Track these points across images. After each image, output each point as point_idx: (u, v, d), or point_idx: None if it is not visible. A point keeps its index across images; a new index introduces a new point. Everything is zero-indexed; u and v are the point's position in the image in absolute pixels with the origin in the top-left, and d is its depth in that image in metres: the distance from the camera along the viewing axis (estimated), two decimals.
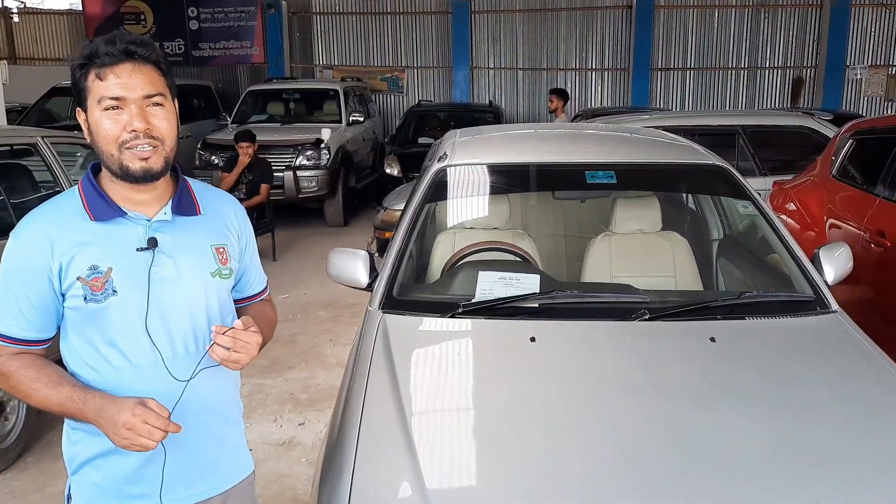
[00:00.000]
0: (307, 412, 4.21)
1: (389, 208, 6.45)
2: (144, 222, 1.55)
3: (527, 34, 13.88)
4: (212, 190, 1.73)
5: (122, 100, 1.47)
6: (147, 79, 1.49)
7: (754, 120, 7.01)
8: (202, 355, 1.56)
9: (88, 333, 1.52)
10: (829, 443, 1.80)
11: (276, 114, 10.72)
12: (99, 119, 1.48)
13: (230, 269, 1.65)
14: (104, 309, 1.50)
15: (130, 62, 1.48)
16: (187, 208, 1.61)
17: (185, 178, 1.65)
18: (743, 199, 3.09)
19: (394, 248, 2.73)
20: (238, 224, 1.71)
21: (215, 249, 1.63)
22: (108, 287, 1.49)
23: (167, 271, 1.54)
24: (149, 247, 1.53)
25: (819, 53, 13.17)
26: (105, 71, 1.47)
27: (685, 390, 2.03)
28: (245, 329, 1.52)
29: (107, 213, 1.53)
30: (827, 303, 2.48)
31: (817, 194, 4.82)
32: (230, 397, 1.74)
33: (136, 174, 1.49)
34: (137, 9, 14.41)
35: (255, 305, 1.83)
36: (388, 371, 2.08)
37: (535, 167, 3.17)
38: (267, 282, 1.88)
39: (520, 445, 1.81)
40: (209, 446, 1.65)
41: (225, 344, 1.50)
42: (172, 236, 1.57)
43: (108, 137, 1.48)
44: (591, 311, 2.44)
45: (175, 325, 1.56)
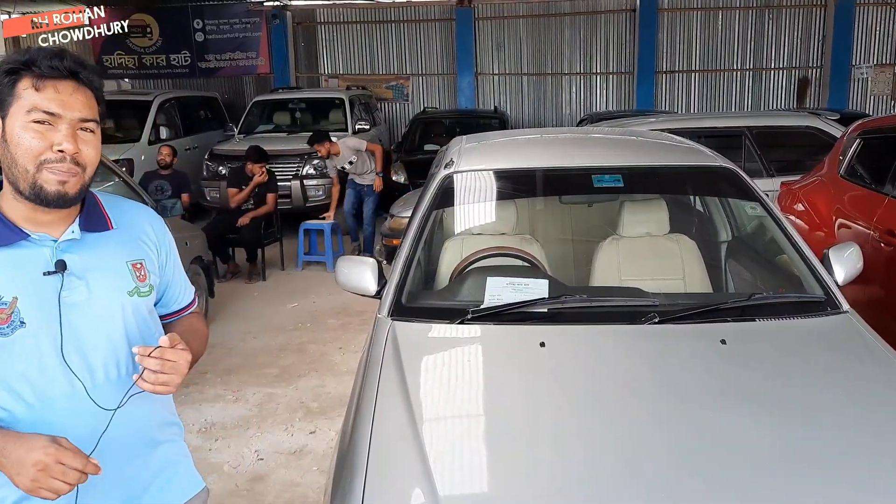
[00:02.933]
0: (318, 420, 4.21)
1: (397, 216, 6.46)
2: (50, 243, 1.42)
3: (531, 39, 13.90)
4: (123, 202, 1.61)
5: (57, 116, 1.37)
6: (86, 102, 1.41)
7: (761, 121, 6.99)
8: (130, 382, 1.43)
9: None
10: (841, 445, 1.79)
11: (283, 123, 10.77)
12: (22, 130, 1.36)
13: (150, 285, 1.54)
14: (11, 342, 1.36)
15: (74, 81, 1.39)
16: (97, 224, 1.49)
17: (91, 193, 1.51)
18: (751, 201, 3.08)
19: (402, 256, 2.73)
20: (156, 235, 1.60)
21: (132, 266, 1.51)
22: (15, 318, 1.36)
23: (79, 295, 1.42)
24: (57, 270, 1.41)
25: (824, 53, 13.15)
26: (45, 83, 1.36)
27: (696, 394, 2.02)
28: (172, 347, 1.40)
29: (6, 237, 1.40)
30: (838, 303, 2.47)
31: (825, 194, 4.80)
32: (160, 419, 1.60)
33: (49, 197, 1.38)
34: (143, 21, 14.52)
35: (183, 320, 1.71)
36: (398, 378, 2.08)
37: (541, 172, 3.17)
38: (195, 293, 1.77)
39: (531, 451, 1.80)
40: (134, 474, 1.51)
41: (152, 366, 1.38)
42: (82, 256, 1.45)
43: (28, 152, 1.36)
44: (601, 316, 2.43)
45: (93, 352, 1.43)
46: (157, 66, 14.68)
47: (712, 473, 1.68)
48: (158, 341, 1.41)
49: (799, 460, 1.73)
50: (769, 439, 1.79)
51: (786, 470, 1.69)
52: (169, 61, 14.59)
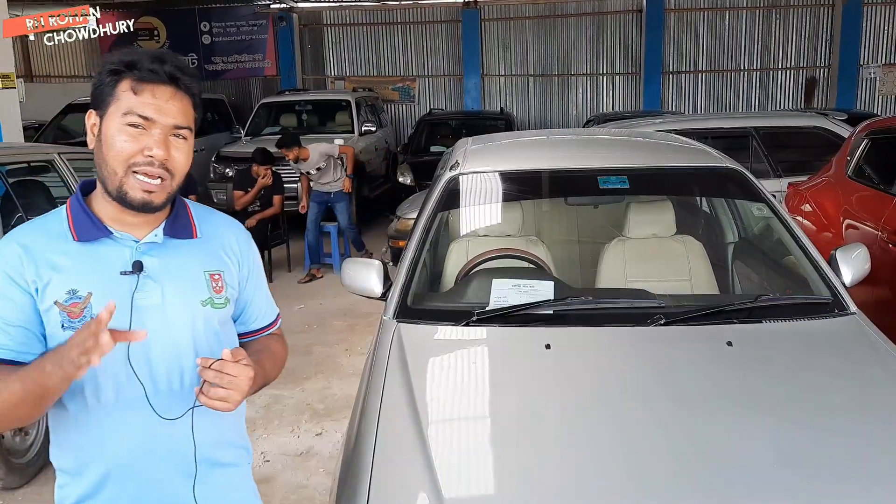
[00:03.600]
0: (324, 422, 4.21)
1: (403, 217, 6.46)
2: (132, 244, 1.43)
3: (537, 41, 13.90)
4: (215, 214, 1.60)
5: (151, 121, 1.37)
6: (182, 109, 1.40)
7: (768, 121, 6.97)
8: (192, 394, 1.40)
9: None
10: (848, 448, 1.78)
11: (289, 125, 10.79)
12: (117, 131, 1.37)
13: (226, 297, 1.51)
14: None
15: (172, 87, 1.39)
16: (182, 231, 1.49)
17: (183, 200, 1.53)
18: (757, 202, 3.07)
19: (407, 257, 2.73)
20: (240, 250, 1.57)
21: (209, 276, 1.49)
22: (87, 314, 1.36)
23: (152, 298, 1.41)
24: (133, 271, 1.41)
25: (832, 53, 13.09)
26: (143, 86, 1.37)
27: (703, 396, 2.01)
28: (234, 361, 1.35)
29: (91, 232, 1.41)
30: (845, 304, 2.46)
31: (833, 195, 4.78)
32: (225, 439, 1.54)
33: (134, 204, 1.38)
34: (151, 24, 14.57)
35: (260, 340, 1.66)
36: (404, 380, 2.08)
37: (547, 173, 3.17)
38: (278, 315, 1.73)
39: (536, 454, 1.80)
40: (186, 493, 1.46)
41: (210, 379, 1.34)
42: (161, 260, 1.44)
43: (119, 154, 1.37)
44: (607, 317, 2.42)
45: (159, 359, 1.42)
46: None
47: (719, 477, 1.67)
48: (221, 354, 1.37)
49: (806, 464, 1.72)
50: (776, 442, 1.78)
51: (793, 473, 1.69)
52: None
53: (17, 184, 4.16)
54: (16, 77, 6.88)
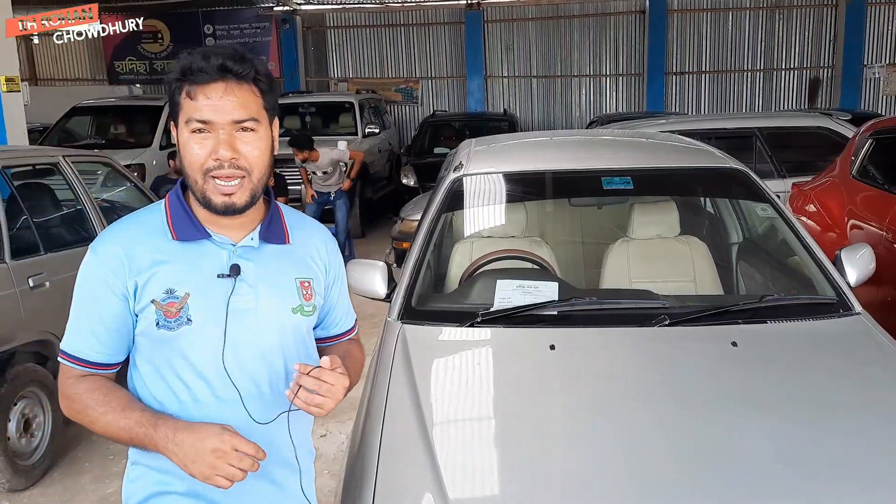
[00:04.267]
0: (329, 424, 4.21)
1: (406, 219, 6.46)
2: (229, 247, 1.42)
3: (540, 42, 13.90)
4: (304, 219, 1.59)
5: (210, 123, 1.34)
6: (240, 102, 1.35)
7: (771, 122, 6.96)
8: (280, 399, 1.39)
9: (157, 362, 1.40)
10: (853, 449, 1.78)
11: (293, 128, 10.80)
12: (186, 141, 1.36)
13: (314, 305, 1.51)
14: (175, 338, 1.37)
15: (223, 81, 1.34)
16: (276, 236, 1.48)
17: (276, 204, 1.52)
18: (762, 202, 3.06)
19: (411, 259, 2.73)
20: (328, 257, 1.57)
21: (300, 283, 1.48)
22: (183, 315, 1.37)
23: (246, 302, 1.41)
24: (230, 274, 1.40)
25: (836, 53, 13.07)
26: (195, 90, 1.34)
27: (707, 397, 2.01)
28: (332, 369, 1.35)
29: (191, 232, 1.41)
30: (850, 304, 2.45)
31: (837, 195, 4.77)
32: (304, 444, 1.55)
33: (217, 208, 1.37)
34: (154, 27, 14.61)
35: (341, 345, 1.66)
36: (408, 381, 2.08)
37: (551, 174, 3.17)
38: (356, 321, 1.72)
39: (541, 454, 1.80)
40: (274, 496, 1.47)
41: (309, 386, 1.33)
42: (257, 265, 1.43)
43: (193, 162, 1.36)
44: (611, 318, 2.42)
45: (248, 362, 1.42)
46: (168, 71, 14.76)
47: (723, 477, 1.67)
48: (319, 361, 1.35)
49: (810, 464, 1.72)
50: (781, 443, 1.78)
51: (797, 474, 1.68)
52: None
53: (22, 186, 4.18)
54: (20, 80, 6.90)
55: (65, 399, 1.41)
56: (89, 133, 10.30)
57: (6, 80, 6.67)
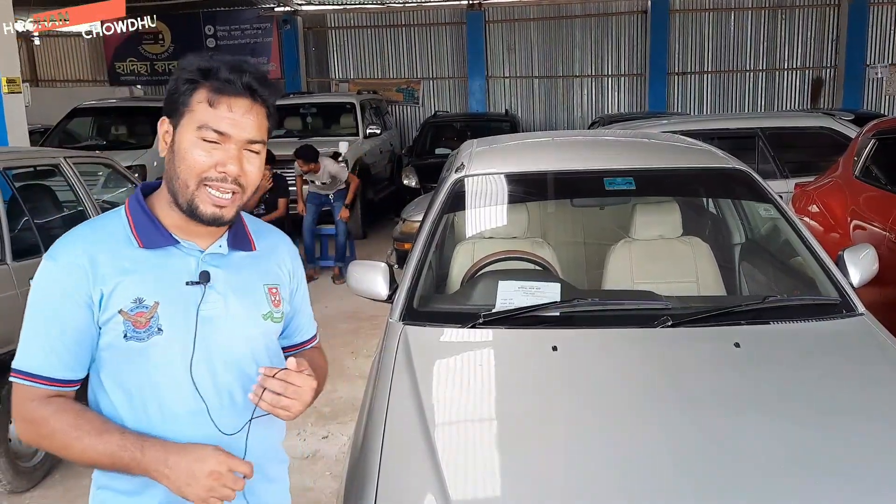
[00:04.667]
0: (330, 425, 4.21)
1: (408, 219, 6.46)
2: (197, 253, 1.39)
3: (541, 42, 13.90)
4: (265, 226, 1.58)
5: (226, 136, 1.32)
6: (257, 123, 1.35)
7: (774, 122, 6.95)
8: (252, 405, 1.36)
9: (123, 376, 1.35)
10: (857, 450, 1.77)
11: (294, 128, 10.80)
12: (191, 145, 1.32)
13: (282, 312, 1.49)
14: (145, 349, 1.32)
15: (249, 99, 1.33)
16: (242, 242, 1.46)
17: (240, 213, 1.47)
18: (764, 203, 3.05)
19: (413, 260, 2.73)
20: (291, 263, 1.56)
21: (268, 290, 1.47)
22: (153, 324, 1.32)
23: (216, 310, 1.38)
24: (200, 281, 1.37)
25: (838, 53, 13.05)
26: (220, 99, 1.32)
27: (710, 398, 2.00)
28: (298, 371, 1.34)
29: (157, 240, 1.36)
30: (853, 305, 2.44)
31: (840, 195, 4.76)
32: (274, 453, 1.54)
33: (204, 218, 1.34)
34: (155, 28, 14.60)
35: (305, 353, 1.63)
36: (410, 382, 2.07)
37: (552, 175, 3.16)
38: (317, 328, 1.71)
39: (543, 455, 1.79)
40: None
41: (276, 389, 1.31)
42: (225, 271, 1.41)
43: (193, 168, 1.32)
44: (613, 319, 2.42)
45: (221, 372, 1.38)
46: (169, 72, 14.75)
47: (726, 478, 1.66)
48: (286, 363, 1.34)
49: (814, 465, 1.72)
50: (784, 444, 1.78)
51: (801, 475, 1.68)
52: None
53: (23, 187, 4.18)
54: (21, 81, 6.90)
55: (27, 424, 1.32)
56: (90, 134, 10.30)
57: (7, 81, 6.67)
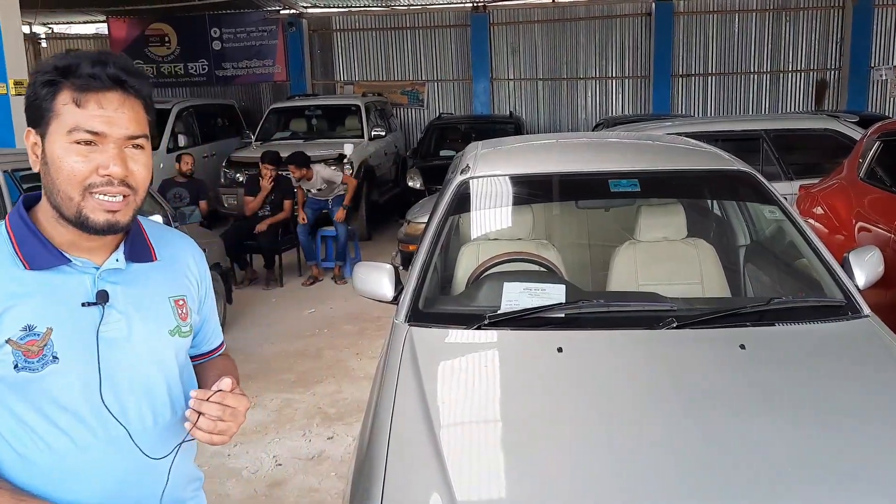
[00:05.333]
0: (335, 426, 4.22)
1: (413, 221, 6.48)
2: (92, 271, 1.27)
3: (546, 44, 13.89)
4: (167, 231, 1.47)
5: (102, 136, 1.20)
6: (134, 116, 1.23)
7: (778, 124, 6.95)
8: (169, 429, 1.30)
9: (17, 409, 1.22)
10: (862, 452, 1.77)
11: (299, 130, 10.83)
12: (64, 153, 1.20)
13: (190, 325, 1.39)
14: (40, 379, 1.20)
15: (120, 92, 1.22)
16: (141, 254, 1.34)
17: (136, 219, 1.35)
18: (769, 204, 3.06)
19: (418, 261, 2.74)
20: (198, 270, 1.45)
21: (174, 302, 1.36)
22: (48, 352, 1.20)
23: (118, 331, 1.27)
24: (97, 301, 1.25)
25: (842, 55, 13.02)
26: (87, 97, 1.19)
27: (716, 399, 2.00)
28: (230, 391, 1.27)
29: (46, 259, 1.24)
30: (858, 307, 2.44)
31: (845, 197, 4.76)
32: (189, 472, 1.46)
33: (97, 227, 1.22)
34: (161, 31, 14.66)
35: (216, 362, 1.54)
36: (416, 383, 2.08)
37: (557, 177, 3.17)
38: (223, 334, 1.61)
39: (549, 456, 1.80)
40: None
41: (213, 413, 1.24)
42: (125, 288, 1.29)
43: (72, 177, 1.20)
44: (618, 321, 2.42)
45: (129, 396, 1.28)
46: (175, 74, 14.82)
47: (732, 480, 1.67)
48: (219, 384, 1.27)
49: (819, 467, 1.72)
50: (789, 445, 1.78)
51: (805, 477, 1.68)
52: (187, 70, 14.73)
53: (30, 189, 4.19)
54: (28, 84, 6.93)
55: None
56: None
57: (15, 83, 6.71)
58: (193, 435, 1.27)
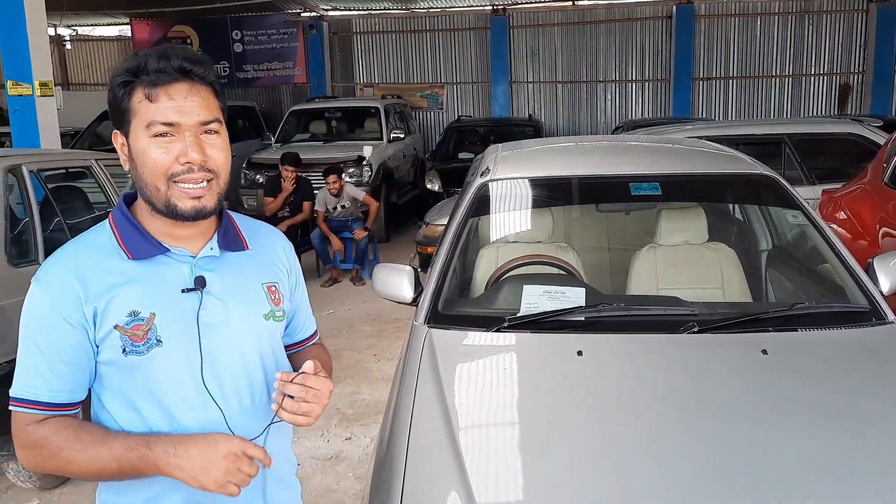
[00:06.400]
0: (353, 427, 4.23)
1: (431, 223, 6.48)
2: (189, 259, 1.35)
3: (565, 47, 13.87)
4: (257, 224, 1.54)
5: (176, 126, 1.27)
6: (204, 102, 1.29)
7: (801, 128, 6.88)
8: (265, 411, 1.35)
9: (127, 391, 1.30)
10: (885, 459, 1.75)
11: (319, 132, 10.89)
12: (146, 147, 1.27)
13: (283, 310, 1.46)
14: (147, 362, 1.28)
15: (187, 82, 1.28)
16: (234, 243, 1.41)
17: (227, 211, 1.45)
18: (792, 209, 3.03)
19: (438, 263, 2.74)
20: (287, 259, 1.52)
21: (267, 288, 1.43)
22: (152, 336, 1.28)
23: (216, 315, 1.34)
24: (196, 287, 1.33)
25: (866, 59, 12.89)
26: (157, 91, 1.26)
27: (737, 405, 1.99)
28: (315, 373, 1.31)
29: (146, 249, 1.32)
30: (883, 313, 2.41)
31: (869, 202, 4.70)
32: (287, 455, 1.52)
33: (186, 214, 1.29)
34: (184, 33, 14.80)
35: (309, 350, 1.60)
36: (435, 385, 2.08)
37: (577, 180, 3.16)
38: (316, 323, 1.67)
39: (568, 460, 1.79)
40: None
41: (295, 393, 1.28)
42: (221, 275, 1.36)
43: (156, 169, 1.27)
44: (639, 324, 2.41)
45: (229, 378, 1.35)
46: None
47: (753, 486, 1.65)
48: (303, 367, 1.31)
49: (842, 473, 1.70)
50: (811, 452, 1.76)
51: (829, 483, 1.66)
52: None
53: (55, 189, 4.26)
54: (53, 85, 7.03)
55: (28, 449, 1.28)
56: None
57: (40, 84, 6.80)
58: (280, 416, 1.31)
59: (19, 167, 3.88)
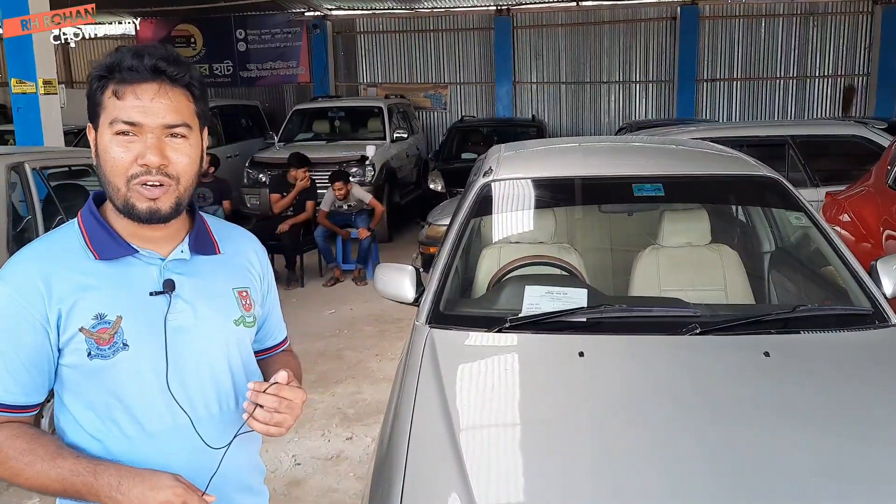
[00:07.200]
0: (354, 427, 4.23)
1: (434, 223, 6.48)
2: (158, 261, 1.32)
3: (569, 48, 13.86)
4: (230, 227, 1.51)
5: (139, 126, 1.24)
6: (172, 105, 1.26)
7: (805, 130, 6.87)
8: (233, 419, 1.34)
9: (91, 396, 1.27)
10: (887, 463, 1.74)
11: (322, 132, 10.89)
12: (108, 144, 1.25)
13: (253, 315, 1.43)
14: (112, 367, 1.25)
15: (156, 82, 1.24)
16: (205, 246, 1.39)
17: (200, 214, 1.43)
18: (795, 211, 3.02)
19: (440, 263, 2.74)
20: (259, 264, 1.49)
21: (238, 293, 1.41)
22: (118, 340, 1.25)
23: (185, 319, 1.31)
24: (164, 290, 1.30)
25: (871, 61, 12.85)
26: (124, 89, 1.23)
27: (739, 407, 1.98)
28: (287, 383, 1.29)
29: (114, 250, 1.29)
30: (886, 316, 2.40)
31: (873, 205, 4.69)
32: (255, 463, 1.49)
33: (140, 214, 1.26)
34: (188, 32, 14.82)
35: (278, 357, 1.58)
36: (437, 385, 2.08)
37: (580, 181, 3.16)
38: (286, 329, 1.64)
39: (569, 462, 1.78)
40: None
41: (269, 404, 1.26)
42: (191, 278, 1.34)
43: (115, 168, 1.25)
44: (641, 326, 2.40)
45: (194, 384, 1.32)
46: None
47: (755, 489, 1.64)
48: (275, 377, 1.29)
49: (845, 476, 1.69)
50: (814, 455, 1.75)
51: (832, 486, 1.65)
52: (212, 71, 14.87)
53: (58, 187, 4.26)
54: (57, 83, 7.03)
55: None
56: None
57: (44, 82, 6.81)
58: (250, 426, 1.29)
59: (22, 165, 3.89)
